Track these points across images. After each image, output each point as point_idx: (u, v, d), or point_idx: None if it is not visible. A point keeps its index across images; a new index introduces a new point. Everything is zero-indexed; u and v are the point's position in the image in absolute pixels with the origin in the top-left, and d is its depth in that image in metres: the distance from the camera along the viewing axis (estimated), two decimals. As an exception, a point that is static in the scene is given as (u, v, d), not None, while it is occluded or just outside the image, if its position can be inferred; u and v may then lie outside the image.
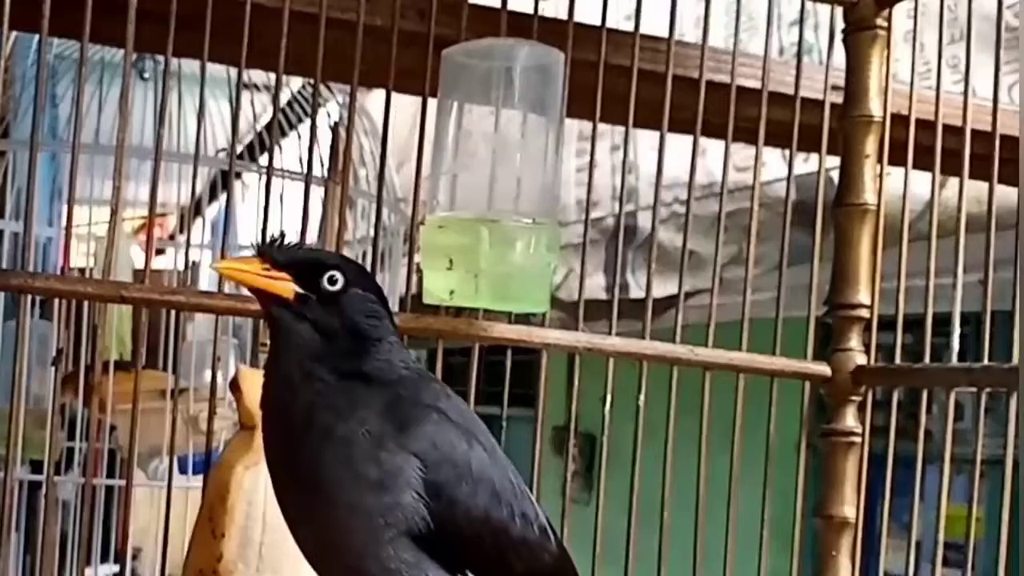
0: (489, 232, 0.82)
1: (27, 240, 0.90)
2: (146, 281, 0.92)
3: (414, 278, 0.96)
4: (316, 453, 0.67)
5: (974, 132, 1.01)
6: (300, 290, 0.69)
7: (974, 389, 0.94)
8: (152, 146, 1.04)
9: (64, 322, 1.84)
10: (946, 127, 1.03)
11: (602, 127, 0.99)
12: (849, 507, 1.06)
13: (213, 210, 2.55)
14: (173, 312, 1.85)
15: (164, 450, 1.65)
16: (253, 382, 0.84)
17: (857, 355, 1.06)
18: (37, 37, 0.92)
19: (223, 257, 0.95)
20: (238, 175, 2.10)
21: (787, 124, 1.04)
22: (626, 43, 1.00)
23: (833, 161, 1.08)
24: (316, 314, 0.69)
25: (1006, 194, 0.98)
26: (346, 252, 1.90)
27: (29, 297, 0.96)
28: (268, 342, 0.72)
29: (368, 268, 0.82)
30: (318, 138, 1.20)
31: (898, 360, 1.05)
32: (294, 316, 0.69)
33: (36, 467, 1.89)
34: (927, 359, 1.02)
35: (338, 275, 0.70)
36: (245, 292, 0.74)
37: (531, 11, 0.99)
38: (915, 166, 1.05)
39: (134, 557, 1.97)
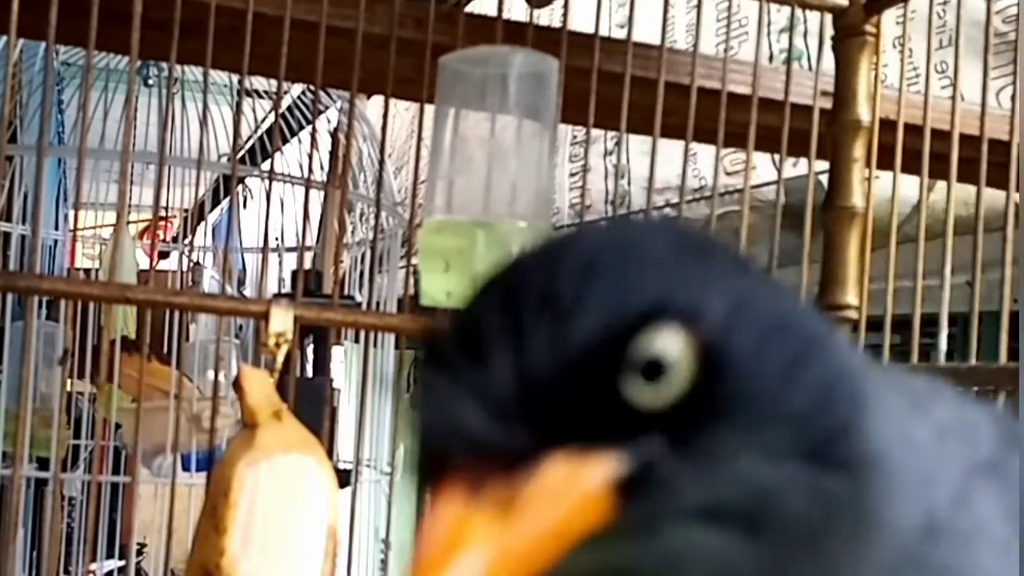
0: (485, 235, 0.84)
1: (34, 243, 0.91)
2: (150, 282, 0.94)
3: (411, 280, 0.98)
4: None
5: (962, 136, 1.03)
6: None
7: (961, 389, 0.96)
8: (156, 151, 1.06)
9: (71, 323, 1.86)
10: (934, 131, 1.04)
11: (595, 132, 0.99)
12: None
13: (216, 213, 2.57)
14: (177, 313, 1.87)
15: (168, 447, 1.67)
16: (255, 381, 0.85)
17: (846, 355, 1.07)
18: (44, 44, 0.93)
19: (225, 260, 0.97)
20: (240, 179, 2.12)
21: (776, 129, 1.05)
22: (619, 51, 1.02)
23: (822, 165, 1.09)
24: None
25: (993, 197, 0.99)
26: (345, 255, 1.91)
27: (36, 298, 0.98)
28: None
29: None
30: (318, 143, 1.22)
31: (886, 360, 1.06)
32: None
33: (43, 464, 1.91)
34: (915, 359, 1.03)
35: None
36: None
37: (526, 20, 1.01)
38: (903, 170, 1.06)
39: (139, 552, 1.99)
